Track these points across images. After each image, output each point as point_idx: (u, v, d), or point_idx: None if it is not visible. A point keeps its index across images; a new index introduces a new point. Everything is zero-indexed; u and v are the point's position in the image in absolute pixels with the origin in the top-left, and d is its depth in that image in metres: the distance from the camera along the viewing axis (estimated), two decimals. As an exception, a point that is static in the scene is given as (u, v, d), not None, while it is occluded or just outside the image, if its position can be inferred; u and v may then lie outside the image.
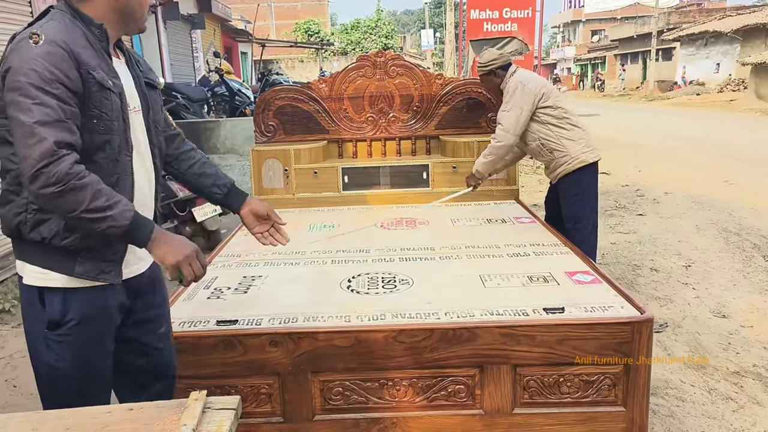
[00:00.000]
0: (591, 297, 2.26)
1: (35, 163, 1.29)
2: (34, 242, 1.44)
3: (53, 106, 1.31)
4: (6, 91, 1.34)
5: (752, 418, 2.49)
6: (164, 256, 1.48)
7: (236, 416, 1.08)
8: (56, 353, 1.48)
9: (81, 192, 1.33)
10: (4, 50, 1.41)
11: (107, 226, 1.37)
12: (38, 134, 1.29)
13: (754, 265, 4.39)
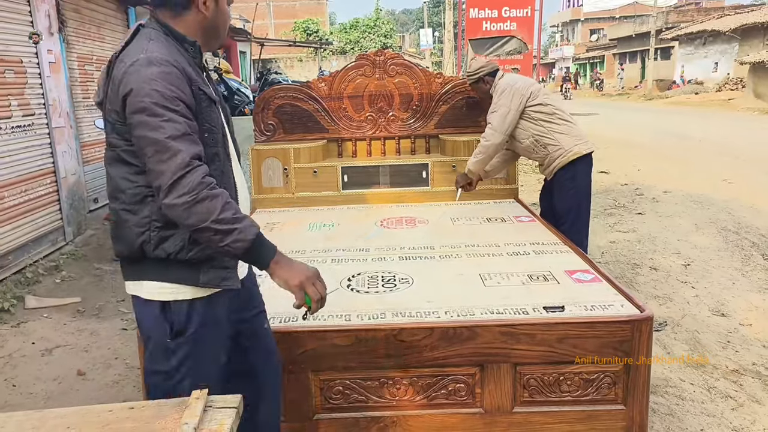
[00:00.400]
0: (591, 295, 2.26)
1: (171, 175, 1.34)
2: (158, 260, 1.47)
3: (180, 122, 1.37)
4: (130, 113, 1.38)
5: (751, 416, 2.50)
6: (288, 277, 1.49)
7: (237, 415, 1.08)
8: (178, 360, 1.51)
9: (212, 201, 1.36)
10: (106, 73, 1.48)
11: (233, 239, 1.38)
12: (172, 148, 1.34)
13: (753, 264, 4.39)
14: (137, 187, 1.46)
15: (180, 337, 1.51)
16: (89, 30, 6.69)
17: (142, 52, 1.42)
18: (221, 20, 1.59)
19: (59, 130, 5.40)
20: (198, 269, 1.50)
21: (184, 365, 1.52)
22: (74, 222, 5.52)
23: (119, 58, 1.46)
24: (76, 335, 3.54)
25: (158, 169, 1.35)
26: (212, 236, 1.38)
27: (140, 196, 1.46)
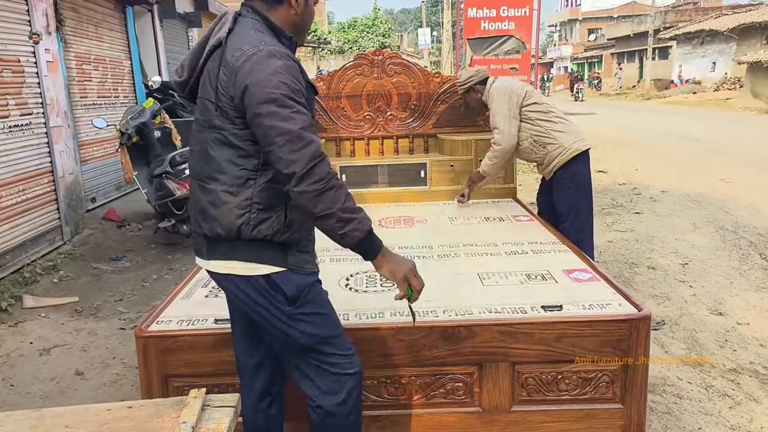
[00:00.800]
0: (589, 294, 2.26)
1: (306, 163, 1.43)
2: (253, 240, 1.55)
3: (306, 113, 1.47)
4: (258, 103, 1.44)
5: (749, 414, 2.50)
6: (394, 270, 1.60)
7: (235, 414, 1.08)
8: (307, 322, 1.61)
9: (339, 191, 1.47)
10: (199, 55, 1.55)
11: (352, 228, 1.49)
12: (305, 138, 1.43)
13: (751, 263, 4.40)
14: (241, 170, 1.52)
15: (298, 301, 1.59)
16: (87, 29, 6.68)
17: (261, 43, 1.48)
18: (308, 18, 1.66)
19: (57, 130, 5.39)
20: (287, 252, 1.58)
21: (313, 323, 1.61)
22: (72, 221, 5.51)
23: (229, 44, 1.51)
24: (74, 335, 3.54)
25: (290, 158, 1.43)
26: (335, 223, 1.47)
27: (243, 179, 1.52)
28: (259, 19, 1.58)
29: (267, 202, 1.54)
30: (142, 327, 2.06)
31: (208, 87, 1.55)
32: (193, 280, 2.57)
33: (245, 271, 1.58)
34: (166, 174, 4.93)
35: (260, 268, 1.58)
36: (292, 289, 1.60)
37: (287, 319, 1.61)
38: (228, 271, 1.61)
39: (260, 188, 1.54)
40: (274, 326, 1.63)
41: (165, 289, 4.16)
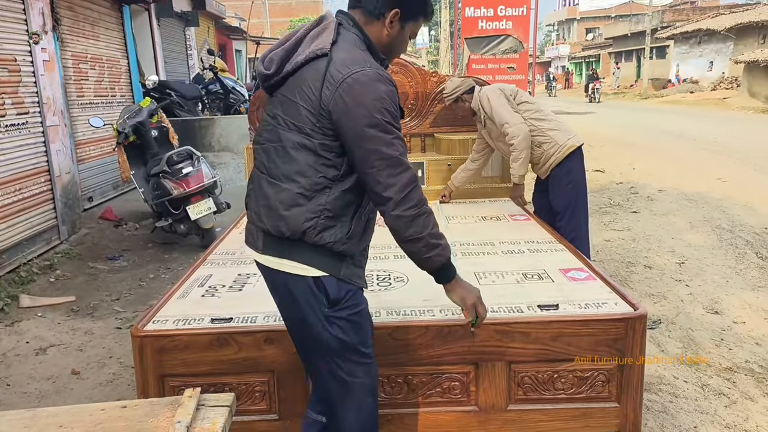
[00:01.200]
0: (585, 294, 2.26)
1: (403, 188, 1.51)
2: (314, 245, 1.59)
3: (402, 139, 1.54)
4: (363, 126, 1.49)
5: (744, 413, 2.51)
6: (465, 296, 1.68)
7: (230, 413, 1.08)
8: (340, 327, 1.64)
9: (429, 217, 1.57)
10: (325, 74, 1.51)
11: (436, 254, 1.59)
12: (404, 164, 1.52)
13: (747, 262, 4.41)
14: (321, 177, 1.56)
15: (338, 305, 1.63)
16: (84, 28, 6.67)
17: (366, 65, 1.52)
18: (398, 44, 1.68)
19: (53, 129, 5.38)
20: (342, 261, 1.63)
21: (345, 330, 1.65)
22: (68, 221, 5.50)
23: (335, 58, 1.53)
24: (71, 334, 3.53)
25: (389, 182, 1.51)
26: (421, 247, 1.57)
27: (321, 186, 1.57)
28: (359, 34, 1.61)
29: (336, 211, 1.59)
30: (138, 326, 2.06)
31: (306, 94, 1.55)
32: (190, 279, 2.56)
33: (298, 270, 1.62)
34: (163, 173, 4.92)
35: (313, 271, 1.61)
36: (335, 292, 1.63)
37: (324, 320, 1.64)
38: (281, 268, 1.65)
39: (334, 197, 1.58)
40: (308, 325, 1.67)
41: (162, 288, 4.16)
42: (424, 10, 1.68)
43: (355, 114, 1.48)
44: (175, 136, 5.70)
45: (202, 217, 4.92)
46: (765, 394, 2.66)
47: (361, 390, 1.73)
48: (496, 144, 3.56)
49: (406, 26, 1.65)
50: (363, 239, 1.69)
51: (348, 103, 1.49)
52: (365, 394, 1.75)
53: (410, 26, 1.66)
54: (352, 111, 1.49)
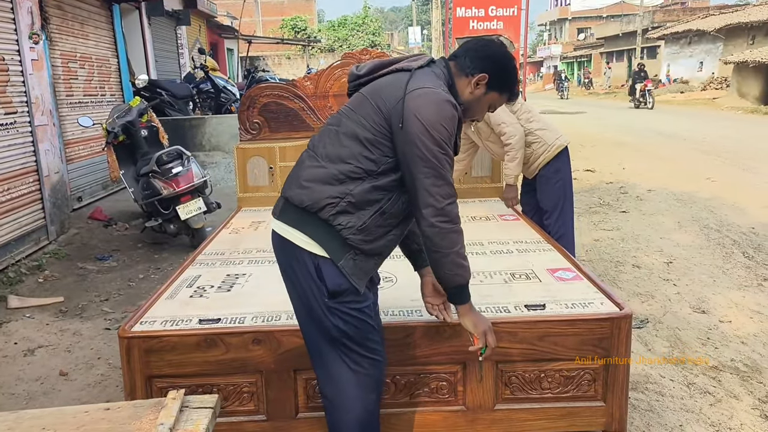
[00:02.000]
0: (572, 293, 2.28)
1: (442, 200, 1.61)
2: (327, 223, 1.66)
3: (450, 158, 1.64)
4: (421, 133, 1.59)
5: (729, 411, 2.53)
6: (477, 323, 1.74)
7: (214, 415, 1.08)
8: (340, 318, 1.69)
9: (460, 236, 1.65)
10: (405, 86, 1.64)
11: (456, 273, 1.66)
12: (446, 179, 1.62)
13: (734, 262, 4.45)
14: (358, 167, 1.65)
15: (338, 297, 1.68)
16: (73, 27, 6.63)
17: (442, 90, 1.65)
18: (474, 107, 1.76)
19: (42, 128, 5.35)
20: (346, 251, 1.67)
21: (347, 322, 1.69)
22: (57, 221, 5.46)
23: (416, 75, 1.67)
24: (59, 335, 3.52)
25: (433, 190, 1.61)
26: (447, 262, 1.65)
27: (355, 175, 1.65)
28: (447, 75, 1.72)
29: (359, 203, 1.65)
30: (126, 327, 2.05)
31: (380, 96, 1.67)
32: (178, 280, 2.56)
33: (303, 244, 1.68)
34: (153, 173, 4.90)
35: (316, 248, 1.67)
36: (334, 284, 1.68)
37: (324, 308, 1.69)
38: (289, 237, 1.71)
39: (363, 188, 1.65)
40: (313, 308, 1.72)
41: (151, 288, 4.14)
42: (510, 88, 1.77)
43: (417, 122, 1.59)
44: (165, 136, 5.67)
45: (192, 217, 4.91)
46: (750, 392, 2.69)
47: (367, 382, 1.76)
48: (485, 144, 3.57)
49: (489, 93, 1.74)
50: (376, 242, 1.71)
51: (412, 109, 1.60)
52: (370, 389, 1.77)
53: (493, 96, 1.75)
54: (414, 120, 1.59)
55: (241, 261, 2.83)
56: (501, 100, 1.78)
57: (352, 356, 1.73)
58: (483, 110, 1.80)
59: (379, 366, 1.78)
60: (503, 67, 1.74)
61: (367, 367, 1.75)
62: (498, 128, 3.38)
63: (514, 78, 1.77)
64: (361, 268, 1.71)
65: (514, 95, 1.80)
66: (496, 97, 1.77)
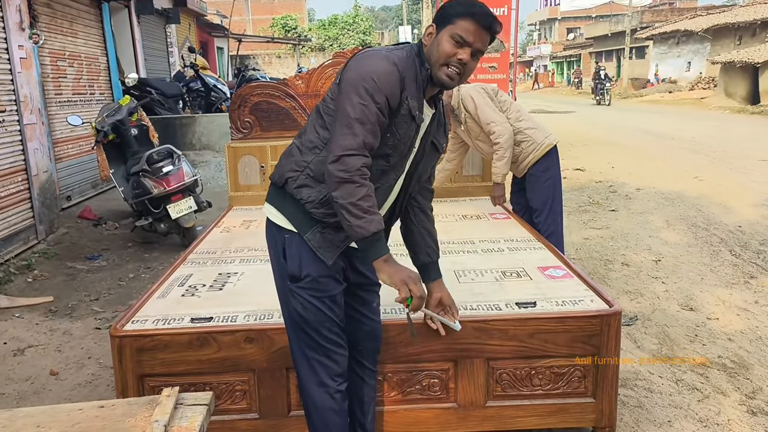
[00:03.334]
0: (562, 291, 2.31)
1: (341, 149, 1.57)
2: (291, 197, 1.72)
3: (373, 112, 1.58)
4: (344, 83, 1.62)
5: (716, 407, 2.57)
6: (392, 274, 1.66)
7: (209, 412, 1.09)
8: (300, 302, 1.74)
9: (358, 188, 1.58)
10: None
11: (357, 225, 1.59)
12: (354, 130, 1.57)
13: (721, 259, 4.50)
14: (316, 137, 1.70)
15: (298, 282, 1.73)
16: (62, 25, 6.58)
17: (384, 49, 1.69)
18: (435, 53, 1.67)
19: (30, 127, 5.30)
20: (312, 226, 1.71)
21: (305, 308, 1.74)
22: (46, 220, 5.43)
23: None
24: (49, 335, 3.50)
25: (335, 137, 1.60)
26: (343, 212, 1.59)
27: (312, 145, 1.71)
28: (415, 48, 1.72)
29: (317, 175, 1.68)
30: (117, 326, 2.05)
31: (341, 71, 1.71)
32: (170, 279, 2.56)
33: (273, 217, 1.76)
34: (143, 172, 4.88)
35: (284, 221, 1.74)
36: (293, 268, 1.73)
37: (287, 290, 1.76)
38: (266, 211, 1.80)
39: (320, 159, 1.67)
40: (280, 289, 1.80)
41: (142, 288, 4.13)
42: (457, 12, 1.64)
43: (348, 76, 1.62)
44: (155, 135, 5.65)
45: (183, 216, 4.89)
46: (737, 388, 2.72)
47: (321, 371, 1.79)
48: (474, 143, 3.59)
49: (441, 31, 1.66)
50: None
51: (350, 67, 1.64)
52: (326, 377, 1.79)
53: (448, 29, 1.64)
54: (348, 74, 1.63)
55: (232, 260, 2.83)
56: (462, 26, 1.63)
57: (309, 342, 1.78)
58: (445, 46, 1.64)
59: (334, 358, 1.80)
60: (447, 5, 1.68)
61: (321, 355, 1.78)
62: (487, 127, 3.40)
63: (459, 3, 1.65)
64: (330, 241, 1.72)
65: (473, 14, 1.63)
66: (452, 27, 1.64)
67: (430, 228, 2.01)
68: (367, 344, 1.94)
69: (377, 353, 1.98)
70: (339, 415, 1.84)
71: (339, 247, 1.74)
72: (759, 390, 2.70)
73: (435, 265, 1.99)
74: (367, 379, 1.97)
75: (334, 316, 1.78)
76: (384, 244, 1.66)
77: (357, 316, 1.91)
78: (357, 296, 1.90)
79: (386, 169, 1.71)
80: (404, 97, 1.63)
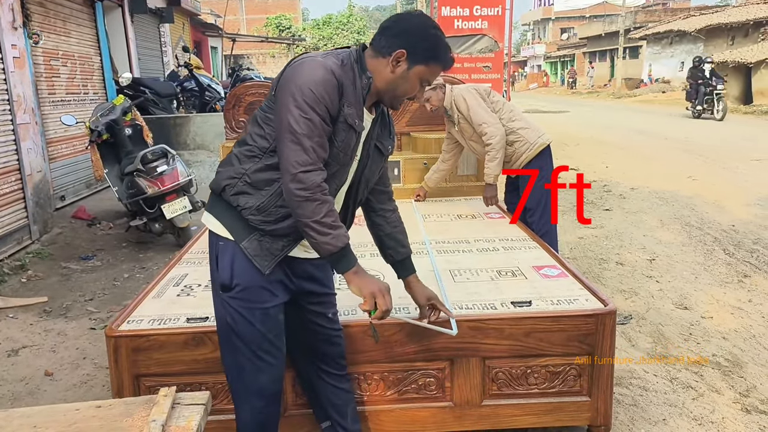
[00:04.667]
0: (557, 290, 2.31)
1: (298, 166, 1.54)
2: (228, 204, 1.69)
3: (317, 124, 1.55)
4: (282, 94, 1.58)
5: (711, 405, 2.58)
6: (362, 286, 1.67)
7: (206, 411, 1.09)
8: (230, 314, 1.71)
9: (320, 206, 1.57)
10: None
11: (325, 242, 1.59)
12: (304, 145, 1.54)
13: (715, 258, 4.53)
14: (254, 146, 1.66)
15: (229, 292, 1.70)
16: (55, 24, 6.55)
17: (319, 56, 1.62)
18: (401, 85, 1.67)
19: (24, 127, 5.28)
20: (249, 233, 1.67)
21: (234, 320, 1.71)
22: (40, 220, 5.40)
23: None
24: (43, 335, 3.48)
25: (285, 154, 1.56)
26: (309, 231, 1.58)
27: (252, 154, 1.66)
28: (354, 54, 1.66)
29: (256, 182, 1.65)
30: (113, 326, 2.05)
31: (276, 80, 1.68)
32: (165, 279, 2.55)
33: (211, 226, 1.73)
34: (138, 172, 4.87)
35: (221, 228, 1.70)
36: (224, 277, 1.70)
37: (219, 299, 1.74)
38: (204, 221, 1.77)
39: (258, 167, 1.65)
40: (214, 296, 1.77)
41: (136, 288, 4.11)
42: (437, 56, 1.65)
43: (286, 88, 1.58)
44: (149, 134, 5.63)
45: (178, 216, 4.87)
46: (731, 386, 2.74)
47: (250, 386, 1.77)
48: (468, 143, 3.59)
49: (414, 68, 1.64)
50: (279, 223, 1.66)
51: (286, 77, 1.60)
52: (254, 394, 1.77)
53: (420, 70, 1.64)
54: (284, 85, 1.59)
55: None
56: (433, 70, 1.66)
57: (237, 355, 1.75)
58: (414, 86, 1.68)
59: (263, 374, 1.76)
60: (421, 37, 1.63)
61: (249, 371, 1.75)
62: (479, 128, 3.41)
63: (437, 45, 1.64)
64: (268, 249, 1.68)
65: (445, 62, 1.67)
66: (425, 70, 1.65)
67: (388, 231, 1.97)
68: (326, 350, 1.92)
69: (341, 358, 1.96)
70: None
71: (277, 256, 1.69)
72: (753, 388, 2.72)
73: (403, 263, 1.98)
74: (337, 383, 1.95)
75: (266, 330, 1.73)
76: (352, 256, 1.66)
77: (312, 327, 1.89)
78: (309, 309, 1.87)
79: (327, 179, 1.63)
80: (342, 105, 1.59)
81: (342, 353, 1.96)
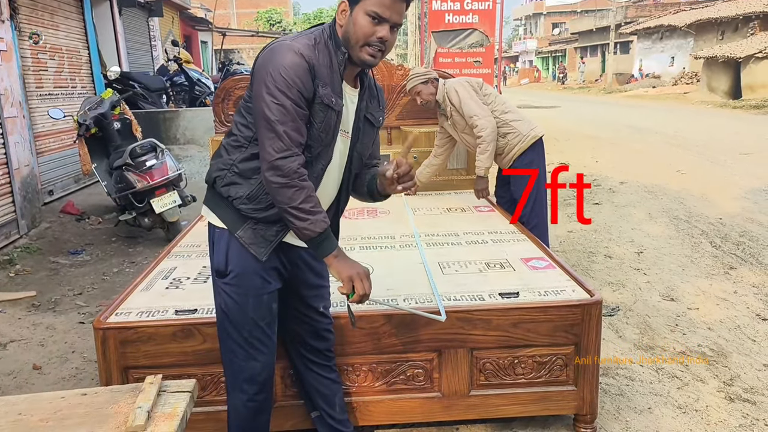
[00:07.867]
0: (545, 282, 2.33)
1: (274, 153, 1.56)
2: (221, 195, 1.72)
3: (289, 109, 1.55)
4: (255, 83, 1.60)
5: (695, 394, 2.62)
6: (342, 269, 1.66)
7: (192, 399, 1.09)
8: (223, 299, 1.75)
9: (299, 191, 1.58)
10: None
11: (303, 227, 1.60)
12: (277, 131, 1.55)
13: (702, 251, 4.57)
14: (240, 136, 1.69)
15: (223, 278, 1.73)
16: (42, 17, 6.49)
17: (287, 39, 1.62)
18: (354, 34, 1.59)
19: (11, 120, 5.24)
20: (243, 222, 1.70)
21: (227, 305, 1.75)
22: (28, 214, 5.36)
23: None
24: (32, 329, 3.47)
25: (262, 142, 1.58)
26: (288, 217, 1.61)
27: (238, 143, 1.69)
28: (328, 30, 1.65)
29: (244, 171, 1.68)
30: (101, 319, 2.05)
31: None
32: (154, 272, 2.55)
33: (211, 219, 1.76)
34: (127, 166, 4.84)
35: (215, 219, 1.74)
36: (218, 263, 1.74)
37: (215, 285, 1.78)
38: (204, 214, 1.81)
39: (245, 156, 1.68)
40: (213, 282, 1.80)
41: (126, 282, 4.10)
42: None
43: (258, 76, 1.59)
44: (138, 129, 5.60)
45: (167, 210, 4.86)
46: (715, 376, 2.78)
47: (241, 373, 1.79)
48: (461, 136, 3.60)
49: (354, 9, 1.57)
50: (270, 209, 1.67)
51: (258, 64, 1.61)
52: (246, 381, 1.79)
53: (361, 6, 1.55)
54: (257, 73, 1.61)
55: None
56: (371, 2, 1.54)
57: (229, 341, 1.78)
58: (364, 25, 1.56)
59: (254, 361, 1.77)
60: None
61: (241, 357, 1.77)
62: (470, 121, 3.41)
63: None
64: (263, 236, 1.71)
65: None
66: (364, 5, 1.55)
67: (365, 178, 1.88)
68: (314, 344, 1.95)
69: (329, 351, 1.98)
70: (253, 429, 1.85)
71: (272, 242, 1.72)
72: (737, 377, 2.76)
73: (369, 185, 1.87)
74: (325, 373, 1.97)
75: (259, 317, 1.75)
76: (332, 240, 1.67)
77: (301, 317, 1.92)
78: (301, 300, 1.90)
79: (310, 160, 1.64)
80: (317, 86, 1.58)
81: (329, 347, 1.98)
